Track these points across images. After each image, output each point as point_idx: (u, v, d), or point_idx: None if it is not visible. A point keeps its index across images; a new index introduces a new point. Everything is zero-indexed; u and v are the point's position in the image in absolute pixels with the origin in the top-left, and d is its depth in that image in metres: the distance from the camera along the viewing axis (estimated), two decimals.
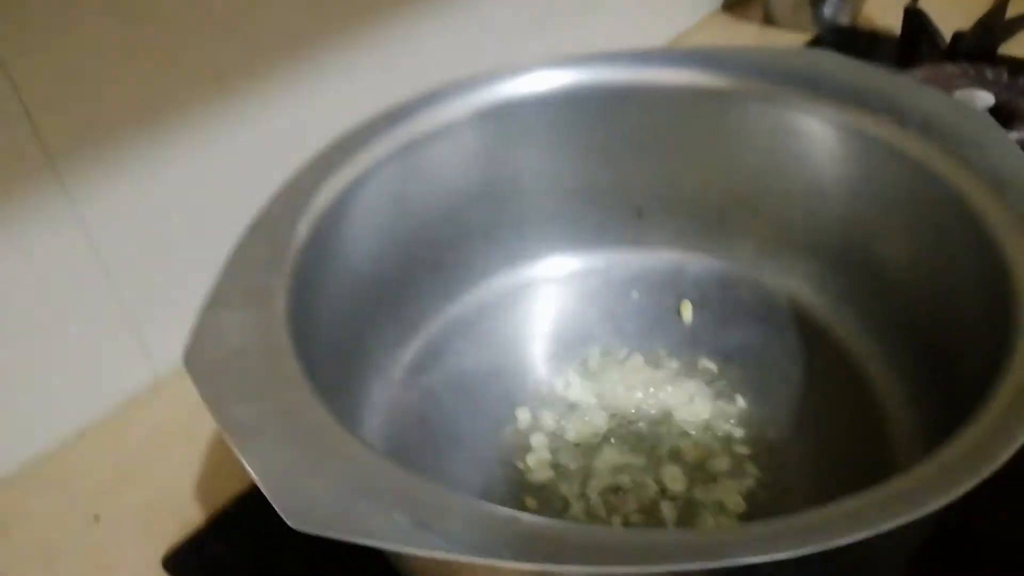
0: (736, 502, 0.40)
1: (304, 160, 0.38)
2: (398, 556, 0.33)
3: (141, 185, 0.49)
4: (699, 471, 0.42)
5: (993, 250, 0.34)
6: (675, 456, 0.42)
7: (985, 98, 0.60)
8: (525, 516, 0.24)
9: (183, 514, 0.48)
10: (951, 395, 0.37)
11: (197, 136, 0.51)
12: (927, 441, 0.38)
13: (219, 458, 0.51)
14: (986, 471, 0.25)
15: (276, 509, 0.24)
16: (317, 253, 0.36)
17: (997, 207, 0.35)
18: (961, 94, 0.61)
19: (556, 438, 0.43)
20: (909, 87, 0.40)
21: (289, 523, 0.24)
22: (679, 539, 0.24)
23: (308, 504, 0.25)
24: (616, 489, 0.41)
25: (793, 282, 0.46)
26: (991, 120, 0.38)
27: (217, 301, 0.32)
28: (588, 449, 0.43)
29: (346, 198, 0.38)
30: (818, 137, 0.42)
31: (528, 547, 0.23)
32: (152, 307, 0.53)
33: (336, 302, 0.38)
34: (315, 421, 0.27)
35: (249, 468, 0.25)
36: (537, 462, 0.42)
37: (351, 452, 0.26)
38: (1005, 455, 0.25)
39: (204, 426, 0.52)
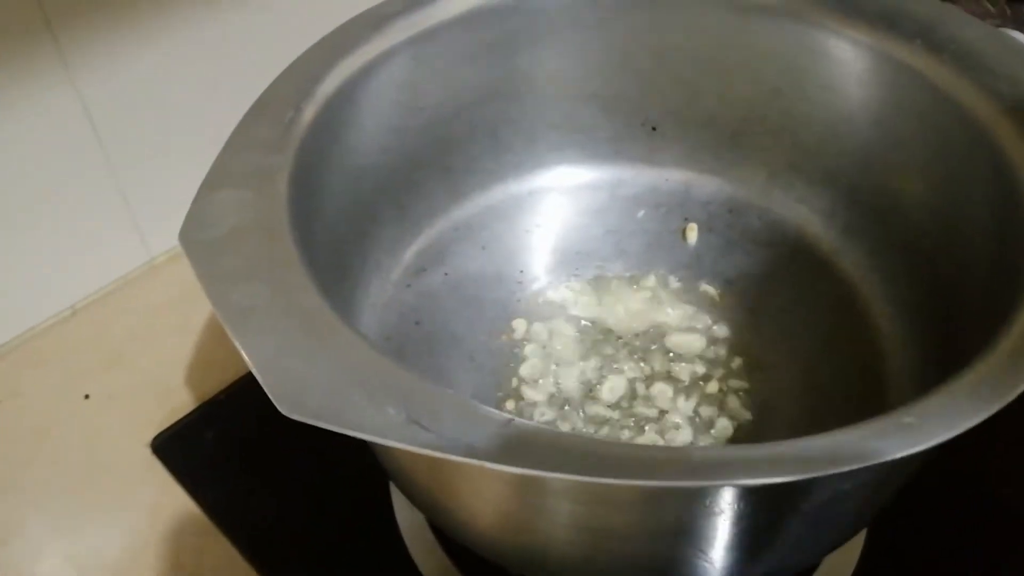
0: (724, 425, 0.40)
1: (312, 44, 0.36)
2: (385, 451, 0.33)
3: (140, 64, 0.48)
4: (690, 393, 0.42)
5: (1014, 191, 0.33)
6: (667, 377, 0.42)
7: (1020, 38, 0.59)
8: (519, 420, 0.24)
9: (172, 399, 0.48)
10: (951, 339, 0.37)
11: (198, 14, 0.49)
12: (922, 383, 0.38)
13: (209, 347, 0.51)
14: (966, 425, 0.24)
15: (268, 394, 0.24)
16: (321, 139, 0.35)
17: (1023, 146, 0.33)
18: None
19: (548, 350, 0.43)
20: (946, 14, 0.39)
21: (281, 409, 0.24)
22: (669, 455, 0.24)
23: (301, 391, 0.24)
24: (604, 405, 0.41)
25: (802, 211, 0.45)
26: None
27: (216, 180, 0.31)
28: (580, 363, 0.43)
29: (354, 85, 0.36)
30: (845, 60, 0.40)
31: (518, 451, 0.23)
32: (148, 189, 0.52)
33: (338, 193, 0.37)
34: (312, 307, 0.27)
35: (242, 350, 0.25)
36: (529, 372, 0.42)
37: (347, 342, 0.26)
38: (994, 409, 0.24)
39: (195, 314, 0.52)
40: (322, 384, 0.25)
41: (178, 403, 0.47)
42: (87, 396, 0.48)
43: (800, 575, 0.39)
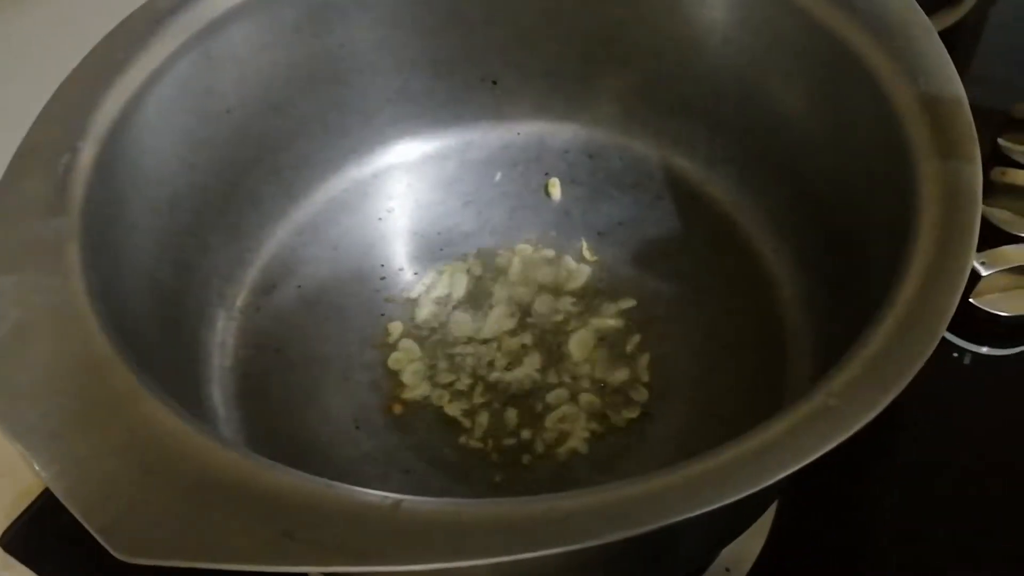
0: (625, 392, 0.38)
1: (75, 66, 0.30)
2: None
3: None
4: (583, 362, 0.39)
5: (878, 100, 0.31)
6: (557, 351, 0.39)
7: None
8: (407, 502, 0.20)
9: (15, 486, 0.42)
10: (835, 259, 0.36)
11: None
12: (814, 307, 0.37)
13: None
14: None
15: (101, 542, 0.19)
16: (112, 180, 0.29)
17: (880, 55, 0.32)
18: None
19: (430, 348, 0.40)
20: None
21: (118, 556, 0.19)
22: (585, 503, 0.21)
23: (143, 528, 0.20)
24: (500, 393, 0.38)
25: (664, 145, 0.43)
26: None
27: None
28: (466, 355, 0.39)
29: (137, 104, 0.31)
30: None
31: (415, 543, 0.20)
32: None
33: (148, 233, 0.31)
34: (139, 414, 0.22)
35: (56, 490, 0.20)
36: (411, 377, 0.38)
37: (191, 449, 0.22)
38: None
39: None
40: (168, 511, 0.20)
41: (22, 488, 0.41)
42: None
43: None
